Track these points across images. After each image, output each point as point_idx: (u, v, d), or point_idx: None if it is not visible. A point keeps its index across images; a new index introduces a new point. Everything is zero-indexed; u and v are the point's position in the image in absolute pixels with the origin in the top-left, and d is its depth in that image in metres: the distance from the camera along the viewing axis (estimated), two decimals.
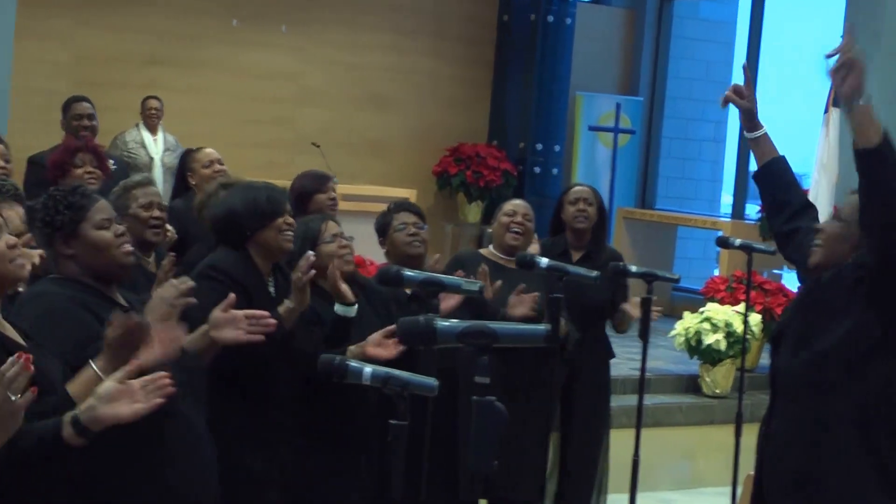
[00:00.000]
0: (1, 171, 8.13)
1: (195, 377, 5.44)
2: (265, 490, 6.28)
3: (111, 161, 9.60)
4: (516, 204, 8.45)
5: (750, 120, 6.00)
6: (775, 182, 5.71)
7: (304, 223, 7.06)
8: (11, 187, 6.57)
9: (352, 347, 6.46)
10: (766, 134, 6.02)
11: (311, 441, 6.60)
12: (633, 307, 8.39)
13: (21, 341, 4.59)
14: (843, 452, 4.87)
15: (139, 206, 6.82)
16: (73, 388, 4.49)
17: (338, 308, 6.66)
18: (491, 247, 8.40)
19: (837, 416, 4.87)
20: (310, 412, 6.52)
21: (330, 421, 6.69)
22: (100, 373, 4.49)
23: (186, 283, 4.84)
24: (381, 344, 6.44)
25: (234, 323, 5.39)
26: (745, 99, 5.92)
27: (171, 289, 4.73)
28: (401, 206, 7.94)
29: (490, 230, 8.56)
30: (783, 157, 5.89)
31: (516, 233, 8.20)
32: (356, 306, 6.72)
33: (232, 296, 5.40)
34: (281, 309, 6.05)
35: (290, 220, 6.42)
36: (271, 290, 6.39)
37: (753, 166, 19.23)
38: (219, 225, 6.48)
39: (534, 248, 8.15)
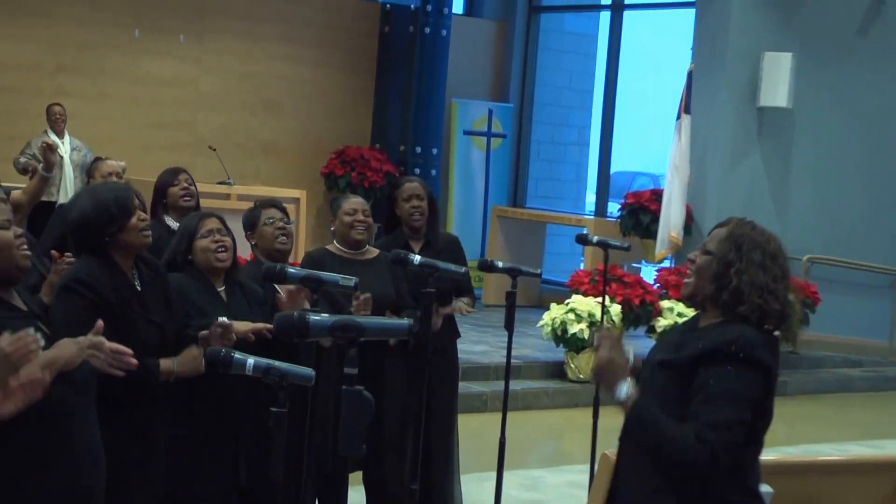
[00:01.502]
0: None
1: (86, 381, 5.31)
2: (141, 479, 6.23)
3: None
4: (355, 202, 8.42)
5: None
6: None
7: (185, 220, 7.19)
8: None
9: (201, 333, 6.29)
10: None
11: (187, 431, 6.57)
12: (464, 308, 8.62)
13: None
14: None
15: None
16: None
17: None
18: (335, 242, 8.38)
19: None
20: (184, 406, 6.46)
21: (203, 412, 6.66)
22: None
23: (33, 337, 4.54)
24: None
25: (100, 350, 5.24)
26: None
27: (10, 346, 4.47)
28: (267, 202, 7.89)
29: (333, 227, 8.49)
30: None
31: (361, 229, 8.25)
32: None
33: (99, 323, 5.22)
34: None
35: (144, 215, 6.25)
36: (136, 284, 6.21)
37: (615, 168, 19.53)
38: (76, 235, 6.25)
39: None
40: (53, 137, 14.42)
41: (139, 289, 6.21)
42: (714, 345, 4.70)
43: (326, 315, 4.33)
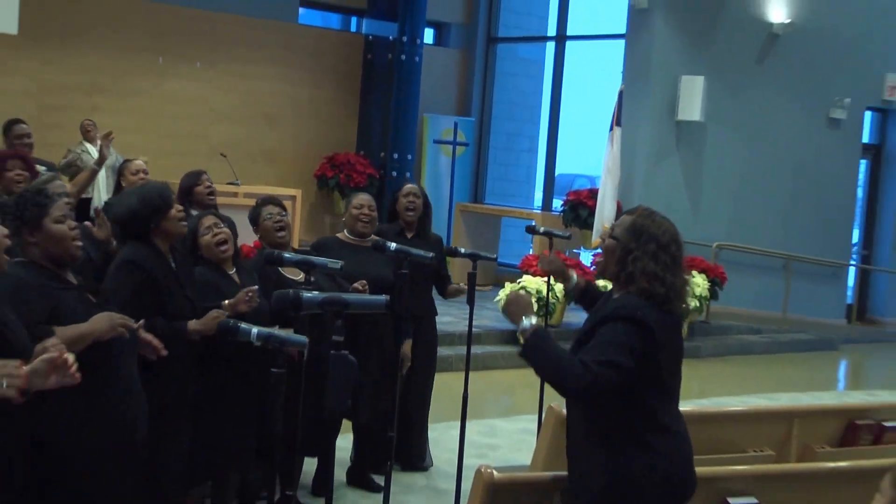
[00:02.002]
0: None
1: (131, 344, 5.48)
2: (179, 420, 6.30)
3: (44, 167, 9.53)
4: (363, 198, 8.54)
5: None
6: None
7: (191, 220, 7.13)
8: None
9: (224, 303, 6.48)
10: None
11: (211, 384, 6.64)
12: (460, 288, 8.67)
13: None
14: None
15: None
16: None
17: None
18: (345, 231, 8.48)
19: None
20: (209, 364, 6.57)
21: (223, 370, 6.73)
22: None
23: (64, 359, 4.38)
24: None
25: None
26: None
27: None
28: (267, 200, 7.94)
29: (343, 218, 8.61)
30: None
31: (365, 221, 8.37)
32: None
33: (141, 322, 5.47)
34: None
35: (180, 207, 6.47)
36: (173, 265, 6.37)
37: (560, 170, 19.43)
38: (126, 225, 6.40)
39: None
40: (87, 145, 14.42)
41: (174, 269, 6.36)
42: (608, 312, 4.85)
43: (317, 293, 4.38)
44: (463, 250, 7.90)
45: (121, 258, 6.24)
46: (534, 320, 4.82)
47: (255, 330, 4.30)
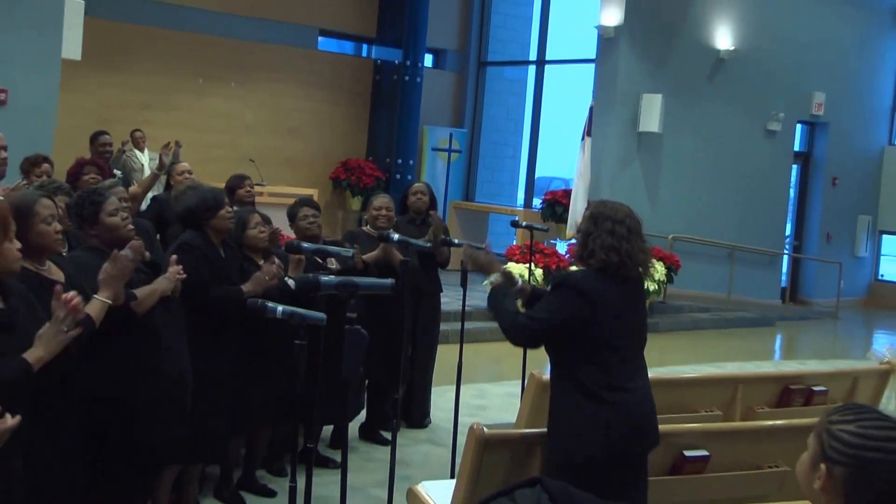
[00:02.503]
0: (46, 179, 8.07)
1: (176, 308, 5.72)
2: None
3: (118, 172, 9.60)
4: (382, 200, 8.66)
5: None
6: None
7: (238, 213, 7.21)
8: (66, 186, 6.68)
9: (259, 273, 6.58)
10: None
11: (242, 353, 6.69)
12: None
13: (62, 281, 4.57)
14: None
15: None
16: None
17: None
18: (367, 227, 8.63)
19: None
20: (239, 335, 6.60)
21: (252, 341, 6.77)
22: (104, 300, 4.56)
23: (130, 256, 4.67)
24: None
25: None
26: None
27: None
28: (303, 201, 7.99)
29: (365, 216, 8.76)
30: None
31: (383, 220, 8.50)
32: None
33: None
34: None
35: (230, 208, 6.58)
36: (222, 254, 6.49)
37: (539, 173, 19.37)
38: (184, 217, 6.54)
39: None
40: (136, 151, 14.44)
41: (223, 256, 6.51)
42: (553, 282, 5.13)
43: (332, 276, 4.39)
44: (458, 241, 8.06)
45: (178, 241, 6.40)
46: (495, 278, 5.21)
47: (279, 307, 4.30)
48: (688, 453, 5.47)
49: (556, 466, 4.86)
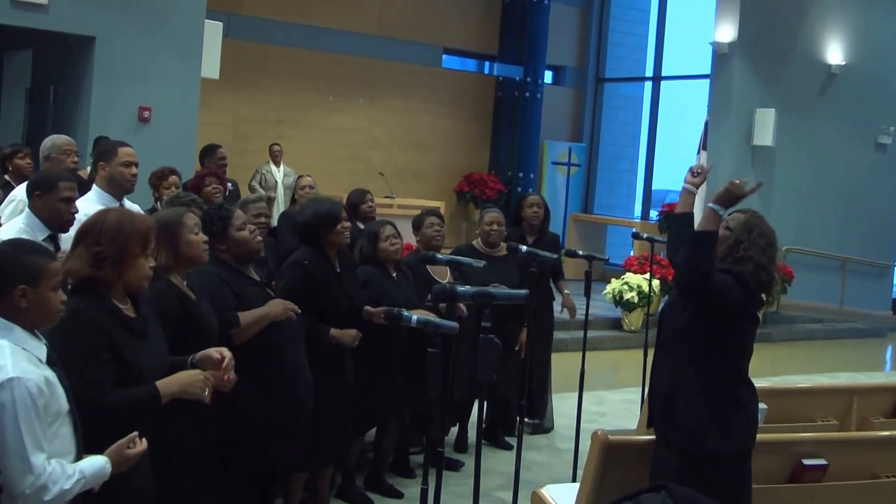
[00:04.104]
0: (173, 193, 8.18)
1: (297, 329, 5.64)
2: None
3: (229, 183, 9.71)
4: (493, 215, 8.49)
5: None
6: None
7: (370, 226, 7.27)
8: (199, 199, 6.66)
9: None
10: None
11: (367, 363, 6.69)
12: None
13: (192, 296, 4.71)
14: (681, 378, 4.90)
15: (252, 216, 6.63)
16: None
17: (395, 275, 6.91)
18: (478, 240, 8.47)
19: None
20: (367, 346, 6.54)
21: (378, 351, 6.78)
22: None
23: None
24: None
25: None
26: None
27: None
28: (429, 212, 8.01)
29: (477, 231, 8.62)
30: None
31: (495, 235, 8.36)
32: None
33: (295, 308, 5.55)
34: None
35: (346, 223, 6.39)
36: (337, 268, 6.36)
37: (655, 186, 19.15)
38: (301, 232, 6.45)
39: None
40: (272, 166, 14.64)
41: (339, 271, 6.36)
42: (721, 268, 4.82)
43: (469, 287, 4.41)
44: (581, 252, 7.83)
45: (290, 259, 6.31)
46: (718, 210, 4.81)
47: (414, 316, 4.31)
48: (807, 462, 5.39)
49: (688, 459, 4.77)
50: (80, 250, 3.94)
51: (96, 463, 3.52)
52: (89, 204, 6.14)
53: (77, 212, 5.69)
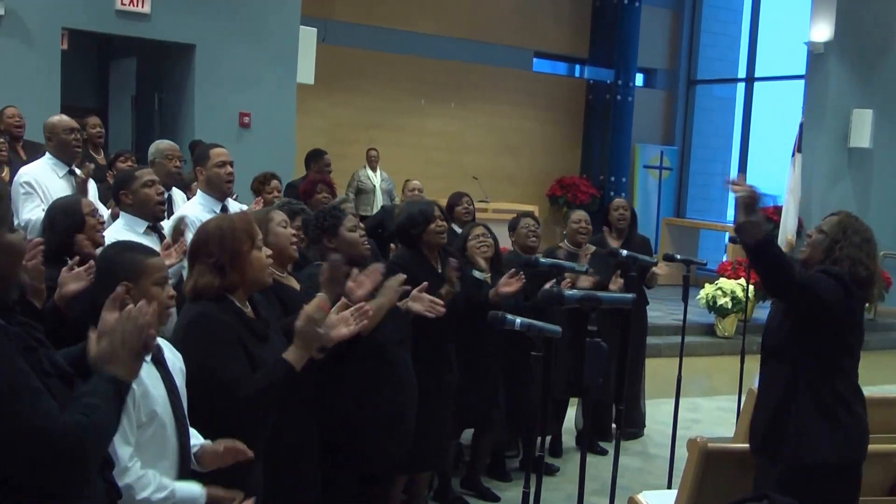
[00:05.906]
0: (275, 196, 8.33)
1: (400, 328, 5.66)
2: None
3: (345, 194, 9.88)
4: (580, 214, 8.63)
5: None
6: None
7: (462, 232, 7.37)
8: (307, 208, 6.77)
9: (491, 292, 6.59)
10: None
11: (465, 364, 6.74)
12: (660, 269, 8.51)
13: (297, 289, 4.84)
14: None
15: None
16: None
17: (475, 273, 6.91)
18: (566, 241, 8.53)
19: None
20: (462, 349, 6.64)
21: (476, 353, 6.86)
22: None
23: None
24: (507, 284, 6.53)
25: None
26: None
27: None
28: (524, 214, 8.15)
29: (564, 231, 8.67)
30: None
31: (583, 234, 8.45)
32: (488, 274, 6.99)
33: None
34: (442, 290, 6.09)
35: (441, 223, 6.46)
36: (437, 268, 6.44)
37: None
38: (398, 235, 6.61)
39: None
40: (368, 171, 14.76)
41: (439, 271, 6.43)
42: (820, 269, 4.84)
43: (576, 291, 4.45)
44: (679, 256, 7.80)
45: (389, 261, 6.39)
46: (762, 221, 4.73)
47: (518, 320, 4.34)
48: None
49: (798, 471, 4.76)
50: (198, 268, 4.04)
51: (192, 491, 3.50)
52: (195, 206, 6.38)
53: (164, 194, 6.03)
